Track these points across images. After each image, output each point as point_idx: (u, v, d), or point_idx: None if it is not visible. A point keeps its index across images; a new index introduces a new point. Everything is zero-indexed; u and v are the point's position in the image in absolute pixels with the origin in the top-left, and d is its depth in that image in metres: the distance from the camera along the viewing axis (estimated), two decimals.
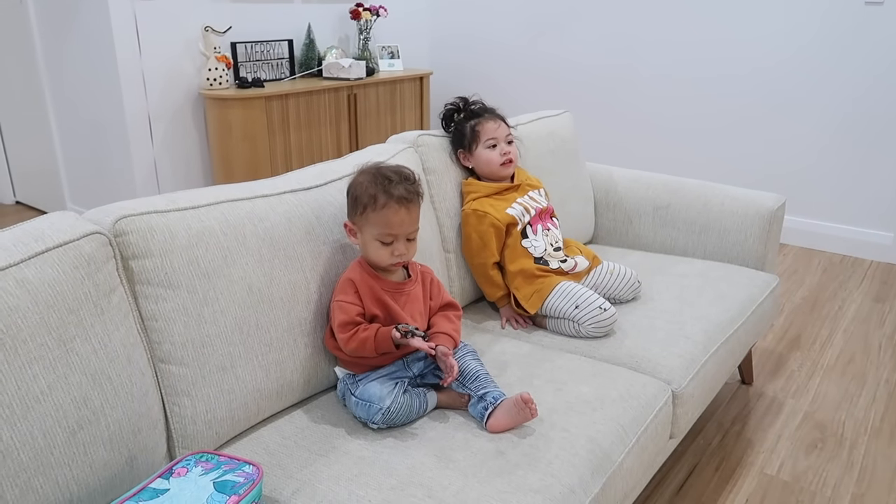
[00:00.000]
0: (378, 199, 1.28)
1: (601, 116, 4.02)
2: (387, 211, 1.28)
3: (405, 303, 1.35)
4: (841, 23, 3.20)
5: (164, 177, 3.43)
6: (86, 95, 3.41)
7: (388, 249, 1.30)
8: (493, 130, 1.78)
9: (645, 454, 1.36)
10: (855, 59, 3.20)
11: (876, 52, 3.15)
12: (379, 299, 1.32)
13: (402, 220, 1.29)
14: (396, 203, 1.28)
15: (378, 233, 1.30)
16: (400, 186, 1.29)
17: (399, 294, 1.35)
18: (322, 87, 3.49)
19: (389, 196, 1.28)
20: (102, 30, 3.14)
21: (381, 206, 1.28)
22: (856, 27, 3.17)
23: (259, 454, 1.22)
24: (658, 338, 1.63)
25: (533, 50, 4.19)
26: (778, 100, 3.44)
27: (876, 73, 3.17)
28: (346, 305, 1.30)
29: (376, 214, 1.29)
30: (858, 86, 3.22)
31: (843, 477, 1.83)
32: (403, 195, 1.29)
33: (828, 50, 3.26)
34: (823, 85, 3.31)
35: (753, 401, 2.17)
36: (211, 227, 1.23)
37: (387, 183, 1.29)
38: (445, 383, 1.29)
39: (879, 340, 2.56)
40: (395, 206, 1.28)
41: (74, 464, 1.01)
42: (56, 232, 1.05)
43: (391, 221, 1.28)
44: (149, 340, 1.15)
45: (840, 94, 3.28)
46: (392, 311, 1.32)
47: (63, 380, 0.99)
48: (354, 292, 1.31)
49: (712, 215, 2.13)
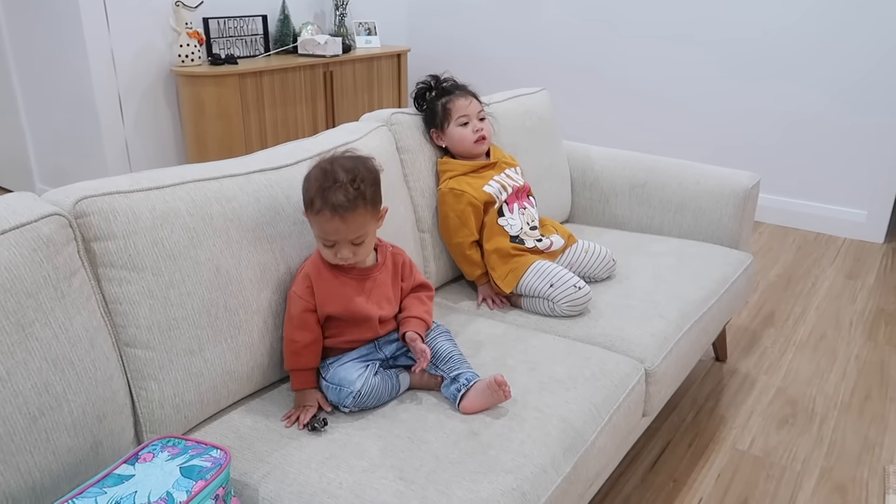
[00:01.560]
0: (314, 203, 1.22)
1: (582, 89, 4.00)
2: (321, 218, 1.22)
3: (371, 289, 1.32)
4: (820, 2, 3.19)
5: (135, 156, 3.36)
6: (54, 73, 3.32)
7: (331, 251, 1.26)
8: (465, 107, 1.76)
9: (617, 433, 1.37)
10: (830, 39, 3.21)
11: (851, 31, 3.15)
12: (338, 294, 1.28)
13: (336, 229, 1.22)
14: (330, 212, 1.20)
15: (317, 235, 1.27)
16: (340, 192, 1.20)
17: (364, 280, 1.32)
18: (297, 63, 3.43)
19: (325, 203, 1.20)
20: (69, 5, 3.05)
21: (316, 211, 1.22)
22: (835, 8, 3.17)
23: (229, 438, 1.20)
24: (632, 316, 1.63)
25: (512, 21, 4.14)
26: (752, 77, 3.44)
27: (850, 53, 3.18)
28: (296, 299, 1.28)
29: (313, 218, 1.24)
30: (833, 65, 3.23)
31: (813, 451, 1.86)
32: (341, 203, 1.19)
33: (804, 29, 3.26)
34: (797, 65, 3.31)
35: (727, 377, 2.20)
36: (176, 208, 1.20)
37: (329, 185, 1.21)
38: (417, 370, 1.28)
39: (851, 317, 2.59)
40: (328, 215, 1.20)
41: (36, 451, 0.99)
42: (13, 214, 1.02)
43: (325, 229, 1.23)
44: (113, 324, 1.13)
45: (813, 75, 3.28)
46: (352, 306, 1.28)
47: (22, 365, 0.97)
48: (307, 287, 1.28)
49: (688, 194, 2.13)
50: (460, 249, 1.74)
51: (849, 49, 3.19)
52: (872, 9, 3.09)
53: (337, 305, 1.29)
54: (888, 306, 2.68)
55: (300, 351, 1.27)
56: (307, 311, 1.28)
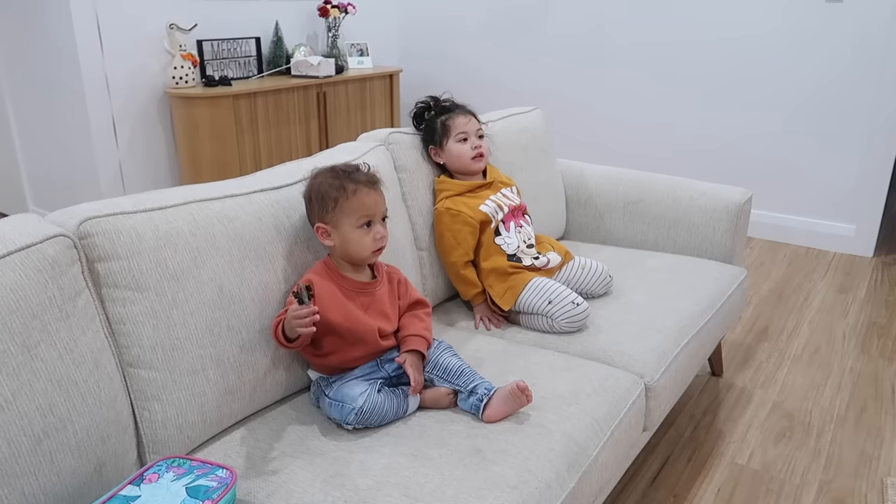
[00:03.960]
0: (347, 187, 1.31)
1: (574, 108, 4.05)
2: (360, 195, 1.31)
3: (370, 304, 1.34)
4: (803, 20, 3.26)
5: (129, 178, 3.36)
6: (47, 95, 3.32)
7: (370, 235, 1.32)
8: (464, 124, 1.78)
9: (619, 447, 1.37)
10: (816, 56, 3.27)
11: (837, 48, 3.22)
12: (340, 303, 1.30)
13: (375, 201, 1.33)
14: (366, 187, 1.32)
15: (357, 218, 1.31)
16: (360, 173, 1.34)
17: (363, 294, 1.34)
18: (291, 84, 3.45)
19: (357, 182, 1.32)
20: (64, 28, 3.07)
21: (353, 192, 1.31)
22: (818, 24, 3.23)
23: (233, 457, 1.20)
24: (630, 332, 1.64)
25: (503, 40, 4.19)
26: (740, 95, 3.50)
27: (837, 70, 3.24)
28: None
29: (349, 202, 1.30)
30: (819, 82, 3.29)
31: (811, 464, 1.87)
32: (368, 179, 1.34)
33: (789, 47, 3.32)
34: (785, 81, 3.37)
35: (723, 392, 2.21)
36: (179, 228, 1.20)
37: (348, 173, 1.33)
38: (413, 392, 1.29)
39: (843, 330, 2.62)
40: (365, 190, 1.32)
41: (41, 472, 0.98)
42: (18, 235, 1.02)
43: (366, 203, 1.31)
44: (117, 344, 1.13)
45: (802, 90, 3.34)
46: (353, 316, 1.30)
47: (27, 386, 0.97)
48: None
49: (681, 210, 2.15)
50: (455, 269, 1.75)
51: (834, 66, 3.25)
52: (860, 25, 3.15)
53: (337, 313, 1.29)
54: (880, 319, 2.70)
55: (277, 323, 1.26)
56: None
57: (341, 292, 1.31)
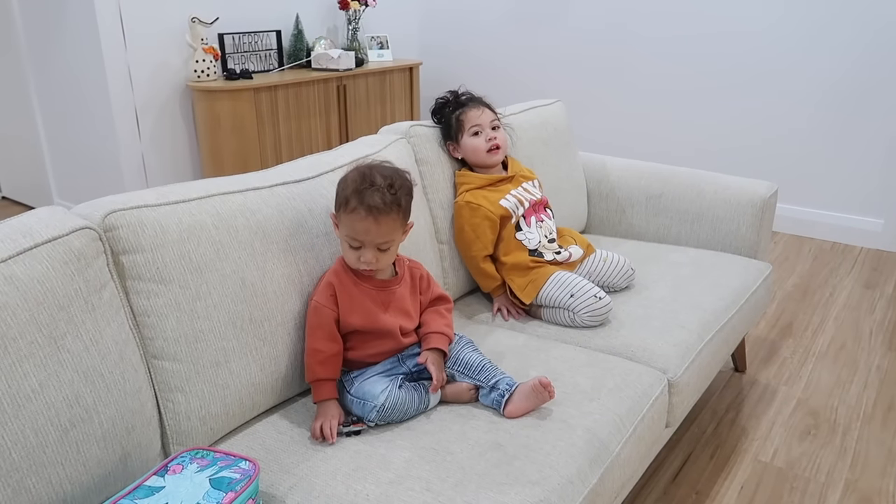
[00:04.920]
0: (350, 202, 1.25)
1: (596, 101, 4.01)
2: (354, 216, 1.25)
3: (390, 302, 1.33)
4: (826, 12, 3.19)
5: (152, 170, 3.39)
6: (71, 89, 3.36)
7: (355, 253, 1.28)
8: (476, 117, 1.77)
9: (642, 444, 1.36)
10: (840, 48, 3.21)
11: (861, 40, 3.15)
12: (360, 305, 1.30)
13: (367, 230, 1.25)
14: (365, 211, 1.23)
15: (346, 234, 1.28)
16: (377, 195, 1.24)
17: (383, 293, 1.33)
18: (311, 78, 3.46)
19: (360, 202, 1.24)
20: (87, 22, 3.09)
21: (351, 210, 1.25)
22: (840, 16, 3.17)
23: (255, 450, 1.20)
24: (653, 326, 1.62)
25: (524, 34, 4.16)
26: (764, 89, 3.44)
27: (861, 62, 3.17)
28: (322, 309, 1.28)
29: (346, 216, 1.26)
30: (844, 74, 3.23)
31: (837, 463, 1.84)
32: (376, 205, 1.23)
33: (813, 39, 3.26)
34: (809, 74, 3.31)
35: (747, 388, 2.18)
36: (202, 221, 1.21)
37: (367, 187, 1.25)
38: (433, 390, 1.28)
39: (870, 327, 2.57)
40: (362, 214, 1.24)
41: (67, 462, 1.00)
42: (45, 227, 1.03)
43: (356, 228, 1.25)
44: (141, 336, 1.14)
45: (826, 83, 3.28)
46: (373, 317, 1.30)
47: (54, 377, 0.98)
48: (331, 295, 1.29)
49: (705, 204, 2.12)
50: (475, 263, 1.75)
51: (859, 57, 3.18)
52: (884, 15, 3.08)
53: (358, 317, 1.29)
54: None
55: (326, 361, 1.28)
56: (334, 320, 1.28)
57: (360, 291, 1.31)
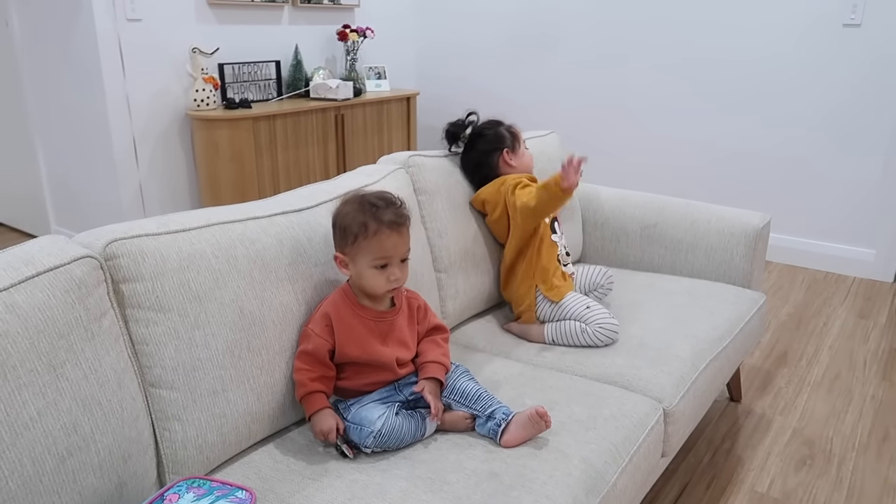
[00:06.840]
0: (369, 226, 1.27)
1: (589, 132, 4.06)
2: (380, 237, 1.27)
3: (388, 332, 1.34)
4: (820, 43, 3.26)
5: (150, 198, 3.41)
6: (71, 117, 3.39)
7: (384, 276, 1.29)
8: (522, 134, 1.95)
9: (638, 473, 1.36)
10: (834, 79, 3.27)
11: (855, 72, 3.22)
12: (357, 336, 1.30)
13: (395, 244, 1.28)
14: (388, 228, 1.27)
15: (372, 259, 1.28)
16: (388, 211, 1.28)
17: (381, 323, 1.34)
18: (309, 107, 3.50)
19: (380, 222, 1.27)
20: (88, 50, 3.14)
21: (373, 232, 1.27)
22: (835, 47, 3.23)
23: (251, 479, 1.20)
24: (648, 356, 1.63)
25: (518, 64, 4.23)
26: (757, 118, 3.50)
27: (855, 93, 3.23)
28: (314, 337, 1.29)
29: (368, 242, 1.27)
30: (837, 105, 3.29)
31: (833, 493, 1.84)
32: (393, 219, 1.28)
33: (806, 70, 3.32)
34: (803, 104, 3.37)
35: (742, 418, 2.18)
36: (202, 250, 1.22)
37: (374, 210, 1.28)
38: (432, 419, 1.29)
39: (864, 356, 2.58)
40: (386, 232, 1.27)
41: (64, 491, 0.99)
42: (46, 256, 1.04)
43: (385, 246, 1.27)
44: (139, 364, 1.14)
45: (819, 113, 3.34)
46: (370, 349, 1.31)
47: (53, 406, 0.98)
48: (326, 325, 1.30)
49: (699, 234, 2.15)
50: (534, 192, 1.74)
51: (852, 89, 3.24)
52: (878, 48, 3.15)
53: (356, 348, 1.30)
54: None
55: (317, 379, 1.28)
56: (324, 349, 1.29)
57: (359, 322, 1.31)
